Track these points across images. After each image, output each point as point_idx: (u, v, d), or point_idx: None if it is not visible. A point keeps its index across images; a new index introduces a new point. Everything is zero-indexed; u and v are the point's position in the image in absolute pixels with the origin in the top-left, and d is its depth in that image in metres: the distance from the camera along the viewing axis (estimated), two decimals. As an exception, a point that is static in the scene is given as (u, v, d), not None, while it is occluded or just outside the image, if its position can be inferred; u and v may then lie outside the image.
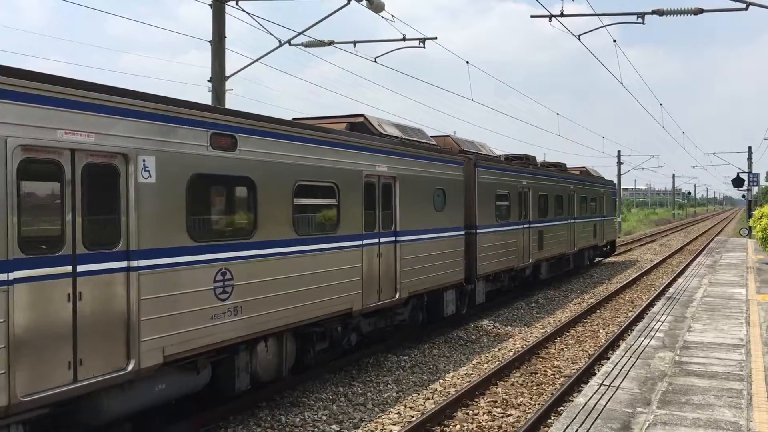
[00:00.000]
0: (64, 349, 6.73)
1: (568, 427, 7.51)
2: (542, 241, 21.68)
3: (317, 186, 10.71)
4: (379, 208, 12.40)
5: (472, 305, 16.98)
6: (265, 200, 9.41)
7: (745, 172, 51.13)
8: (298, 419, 9.69)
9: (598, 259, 32.22)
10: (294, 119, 11.80)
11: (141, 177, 7.59)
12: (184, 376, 8.47)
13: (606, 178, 35.11)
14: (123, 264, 7.39)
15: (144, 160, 7.64)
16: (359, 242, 11.66)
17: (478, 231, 16.84)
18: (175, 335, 7.96)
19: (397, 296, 12.89)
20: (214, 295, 8.55)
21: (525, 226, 20.20)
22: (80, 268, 6.92)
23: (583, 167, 31.44)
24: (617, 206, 44.25)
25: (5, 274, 6.23)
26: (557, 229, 23.49)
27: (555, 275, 24.41)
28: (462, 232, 15.84)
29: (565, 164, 27.78)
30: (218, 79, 15.56)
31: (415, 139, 14.43)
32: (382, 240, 12.44)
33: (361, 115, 13.38)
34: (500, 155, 21.12)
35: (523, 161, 21.93)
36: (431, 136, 15.84)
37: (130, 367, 7.39)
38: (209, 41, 15.58)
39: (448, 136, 18.18)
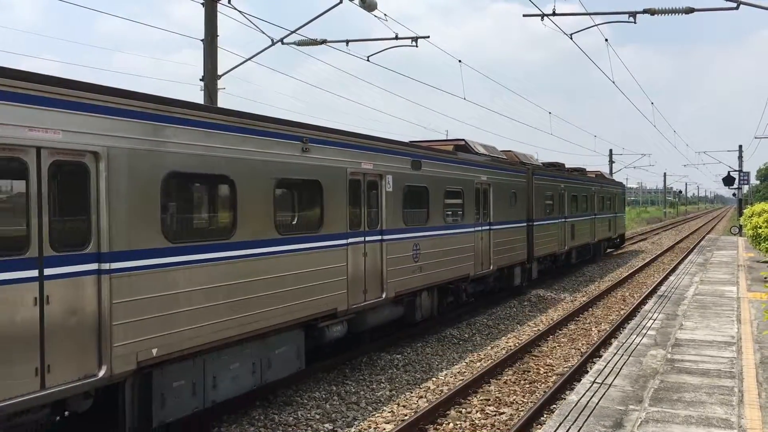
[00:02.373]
0: (362, 283, 11.86)
1: (560, 424, 7.54)
2: (574, 233, 26.74)
3: (454, 191, 15.86)
4: (481, 206, 17.47)
5: (528, 279, 21.91)
6: (432, 200, 14.65)
7: (735, 171, 51.37)
8: (291, 418, 9.69)
9: (609, 250, 36.45)
10: (411, 141, 16.48)
11: (387, 187, 12.75)
12: (395, 307, 13.62)
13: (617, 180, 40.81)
14: (379, 237, 12.51)
15: (388, 177, 12.81)
16: (472, 229, 16.83)
17: (534, 223, 21.83)
18: (397, 281, 13.05)
19: (492, 268, 18.02)
20: (412, 258, 13.64)
21: (562, 220, 25.25)
22: (367, 239, 12.09)
23: (598, 171, 36.95)
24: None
25: (345, 240, 11.36)
26: (583, 223, 28.50)
27: (581, 260, 29.52)
28: (525, 224, 20.99)
29: (584, 168, 32.60)
30: (211, 77, 15.52)
31: (495, 155, 19.70)
32: (482, 228, 17.54)
33: (462, 139, 18.67)
34: (540, 163, 25.56)
35: (557, 168, 27.13)
36: (501, 150, 21.28)
37: (383, 297, 12.56)
38: (201, 40, 15.54)
39: (510, 150, 22.71)
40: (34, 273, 6.53)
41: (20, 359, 6.35)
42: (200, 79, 15.63)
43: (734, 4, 16.50)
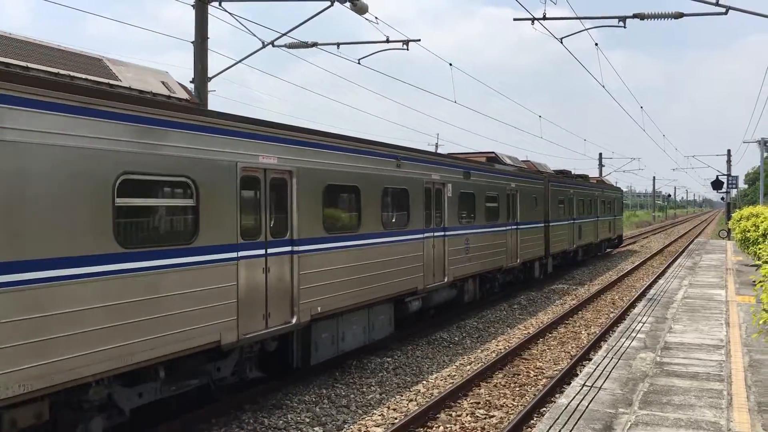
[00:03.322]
0: (432, 269, 15.08)
1: (550, 428, 7.55)
2: (581, 233, 30.47)
3: (491, 196, 19.38)
4: (510, 209, 21.02)
5: (545, 273, 25.53)
6: (477, 203, 18.12)
7: (724, 175, 51.72)
8: (281, 422, 9.65)
9: (609, 249, 39.62)
10: (449, 154, 19.79)
11: (448, 193, 16.14)
12: (451, 290, 16.95)
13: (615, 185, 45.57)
14: (443, 233, 15.77)
15: (449, 185, 16.21)
16: (505, 228, 20.34)
17: (550, 224, 25.24)
18: (454, 268, 16.30)
19: (518, 261, 21.60)
20: (464, 251, 16.96)
21: (571, 221, 28.86)
22: (435, 234, 15.35)
23: (599, 178, 42.33)
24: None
25: (422, 234, 14.67)
26: (588, 225, 32.16)
27: (586, 257, 33.42)
28: (542, 224, 24.42)
29: (587, 175, 36.71)
30: (201, 80, 15.46)
31: (519, 165, 23.41)
32: (512, 227, 21.00)
33: (493, 152, 22.17)
34: (552, 171, 29.04)
35: (566, 175, 30.89)
36: (521, 160, 24.99)
37: (445, 280, 15.85)
38: (192, 42, 15.49)
39: (529, 160, 26.45)
40: (263, 251, 9.79)
41: (257, 308, 9.60)
42: (190, 81, 15.57)
43: (723, 9, 16.61)
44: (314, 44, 17.58)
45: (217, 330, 8.77)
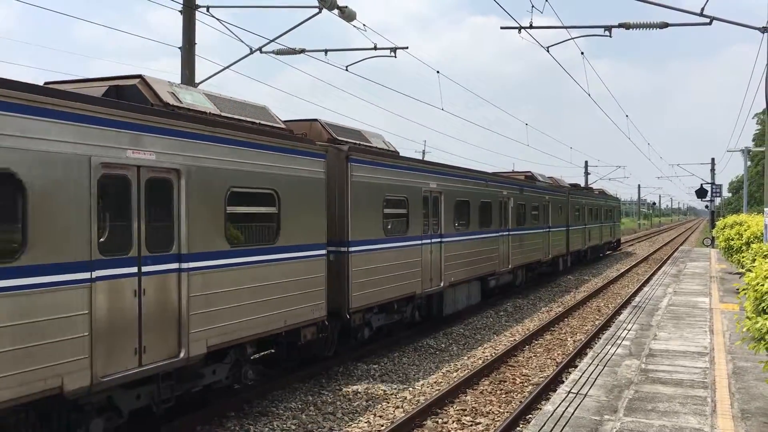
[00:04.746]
0: (502, 258, 21.26)
1: (536, 434, 7.55)
2: (590, 236, 36.35)
3: (534, 206, 25.13)
4: (546, 215, 26.91)
5: (565, 267, 31.12)
6: (527, 212, 23.77)
7: (708, 183, 52.03)
8: (266, 429, 9.61)
9: (608, 252, 44.93)
10: (494, 173, 23.68)
11: (510, 204, 22.17)
12: (510, 275, 22.39)
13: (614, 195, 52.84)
14: (507, 233, 21.81)
15: (511, 199, 22.25)
16: (541, 230, 26.04)
17: (570, 228, 31.20)
18: (514, 259, 22.29)
19: (549, 257, 27.33)
20: (519, 246, 22.73)
21: (583, 226, 34.61)
22: (502, 234, 21.37)
23: (601, 188, 48.25)
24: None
25: (497, 233, 20.97)
26: (596, 229, 38.08)
27: (594, 257, 39.17)
28: (564, 228, 30.31)
29: (591, 187, 44.18)
30: (188, 85, 15.41)
31: (547, 181, 29.57)
32: (545, 230, 26.65)
33: (530, 171, 28.32)
34: (568, 185, 34.28)
35: (578, 187, 36.79)
36: (548, 177, 30.89)
37: (509, 267, 21.93)
38: (179, 48, 15.46)
39: (552, 177, 31.66)
40: (429, 241, 15.76)
41: (427, 275, 15.55)
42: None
43: (707, 20, 16.78)
44: (302, 51, 17.57)
45: (413, 286, 14.82)
